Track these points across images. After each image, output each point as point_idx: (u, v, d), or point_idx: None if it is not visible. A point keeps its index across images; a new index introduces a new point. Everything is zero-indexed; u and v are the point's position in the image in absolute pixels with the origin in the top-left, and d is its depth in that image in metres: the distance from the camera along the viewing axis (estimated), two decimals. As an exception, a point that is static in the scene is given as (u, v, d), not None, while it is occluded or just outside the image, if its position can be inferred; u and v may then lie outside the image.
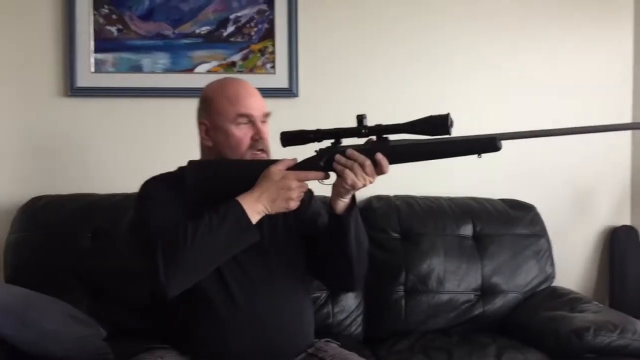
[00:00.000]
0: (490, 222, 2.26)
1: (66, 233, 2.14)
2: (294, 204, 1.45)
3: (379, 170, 1.41)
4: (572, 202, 2.51)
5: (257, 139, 1.53)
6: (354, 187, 1.42)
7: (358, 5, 2.44)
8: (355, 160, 1.40)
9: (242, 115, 1.52)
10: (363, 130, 1.43)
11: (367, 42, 2.45)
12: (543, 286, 2.23)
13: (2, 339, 1.67)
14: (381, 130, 1.43)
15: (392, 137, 1.44)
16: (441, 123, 1.36)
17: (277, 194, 1.42)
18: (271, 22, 2.40)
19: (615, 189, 2.53)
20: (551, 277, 2.26)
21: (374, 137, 1.45)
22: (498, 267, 2.20)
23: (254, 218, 1.42)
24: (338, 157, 1.42)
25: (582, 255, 2.53)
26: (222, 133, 1.54)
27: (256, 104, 1.55)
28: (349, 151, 1.42)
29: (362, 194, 2.31)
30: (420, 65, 2.47)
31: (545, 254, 2.26)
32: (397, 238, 2.23)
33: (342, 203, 1.47)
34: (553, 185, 2.49)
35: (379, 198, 2.33)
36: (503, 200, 2.36)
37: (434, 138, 1.39)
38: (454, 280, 2.17)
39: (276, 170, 1.43)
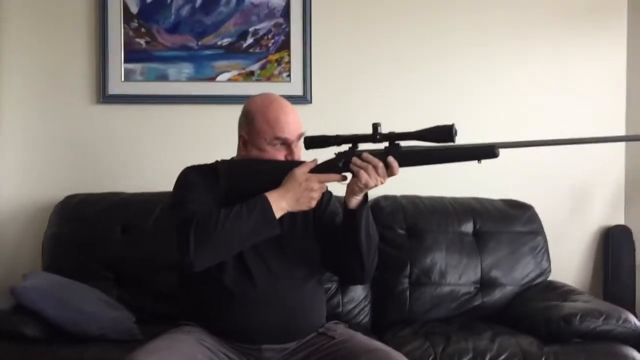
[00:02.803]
0: (490, 220, 2.41)
1: (98, 228, 2.30)
2: (314, 204, 1.62)
3: (390, 172, 1.58)
4: (569, 202, 2.65)
5: (289, 159, 1.69)
6: (367, 186, 1.59)
7: (368, 20, 2.61)
8: (369, 162, 1.57)
9: (278, 138, 1.68)
10: (377, 137, 1.60)
11: (378, 52, 2.61)
12: (539, 280, 2.36)
13: (46, 319, 1.87)
14: (393, 137, 1.60)
15: (403, 143, 1.61)
16: (447, 132, 1.53)
17: (300, 194, 1.59)
18: (287, 34, 2.58)
19: (609, 190, 2.66)
20: (547, 271, 2.39)
21: (386, 143, 1.61)
22: (497, 262, 2.34)
23: (278, 214, 1.58)
24: (355, 159, 1.59)
25: (578, 253, 2.66)
26: (257, 149, 1.70)
27: (293, 127, 1.68)
28: (365, 154, 1.59)
29: (370, 195, 2.46)
30: (430, 73, 2.62)
31: (541, 251, 2.40)
32: (402, 234, 2.38)
33: (355, 200, 1.64)
34: (551, 186, 2.63)
35: (386, 197, 2.49)
36: (503, 200, 2.50)
37: (440, 145, 1.56)
38: (455, 273, 2.31)
39: (301, 173, 1.60)
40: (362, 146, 1.63)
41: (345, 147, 1.65)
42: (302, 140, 1.70)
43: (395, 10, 2.62)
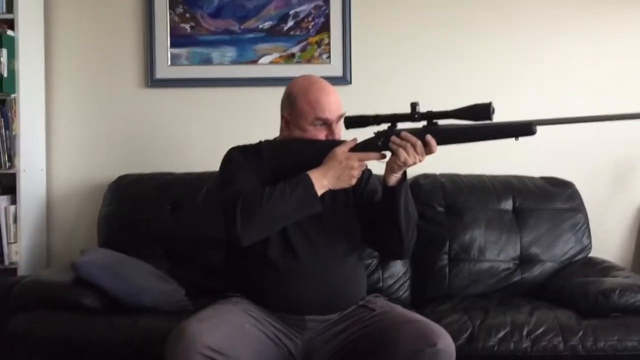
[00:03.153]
0: (530, 198, 2.43)
1: (148, 206, 2.42)
2: (354, 181, 1.67)
3: (428, 150, 1.61)
4: (610, 179, 2.64)
5: (330, 138, 1.75)
6: (406, 164, 1.62)
7: (405, 2, 2.64)
8: (408, 140, 1.61)
9: (319, 119, 1.74)
10: (415, 116, 1.63)
11: (415, 33, 2.64)
12: (579, 257, 2.37)
13: (103, 291, 1.99)
14: (431, 116, 1.63)
15: (441, 122, 1.63)
16: (484, 110, 1.54)
17: (341, 172, 1.65)
18: (327, 17, 2.62)
19: (653, 166, 2.64)
20: (588, 248, 2.40)
21: (424, 122, 1.64)
22: (536, 238, 2.37)
23: (320, 191, 1.64)
24: (394, 137, 1.62)
25: (620, 230, 2.65)
26: (299, 129, 1.76)
27: (334, 108, 1.74)
28: (403, 133, 1.62)
29: (410, 173, 2.50)
30: (469, 54, 2.64)
31: (582, 227, 2.41)
32: (442, 212, 2.41)
33: (395, 178, 1.67)
34: (592, 163, 2.63)
35: (425, 176, 2.52)
36: (543, 178, 2.51)
37: (477, 123, 1.58)
38: (494, 249, 2.35)
39: (341, 152, 1.66)
40: (400, 125, 1.66)
41: (384, 127, 1.68)
42: (342, 120, 1.75)
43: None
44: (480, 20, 2.64)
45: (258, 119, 2.54)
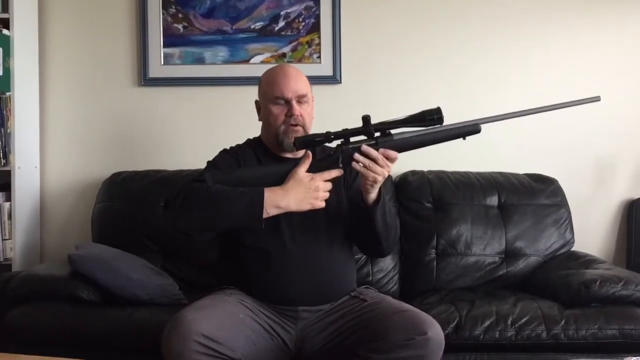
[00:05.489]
0: (515, 194, 2.49)
1: (142, 202, 2.44)
2: (320, 203, 1.65)
3: (390, 160, 1.65)
4: (593, 175, 2.70)
5: (290, 116, 1.80)
6: (376, 182, 1.65)
7: (394, 2, 2.69)
8: (368, 155, 1.63)
9: (277, 97, 1.81)
10: (368, 129, 1.64)
11: (405, 33, 2.70)
12: (562, 250, 2.44)
13: (98, 284, 2.02)
14: (384, 127, 1.65)
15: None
16: (435, 115, 1.60)
17: (304, 195, 1.63)
18: (317, 17, 2.68)
19: (633, 162, 2.70)
20: (570, 242, 2.47)
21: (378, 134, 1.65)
22: (521, 233, 2.43)
23: (271, 212, 1.61)
24: (356, 155, 1.63)
25: (602, 225, 2.72)
26: (266, 111, 1.84)
27: (290, 87, 1.79)
28: (364, 147, 1.63)
29: (398, 169, 2.58)
30: (455, 55, 2.69)
31: (565, 222, 2.47)
32: (429, 208, 2.47)
33: (371, 197, 1.70)
34: (575, 160, 2.69)
35: (414, 172, 2.58)
36: (527, 175, 2.58)
37: (429, 128, 1.64)
38: (480, 244, 2.41)
39: (303, 174, 1.64)
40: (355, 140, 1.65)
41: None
42: (309, 102, 1.82)
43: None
44: (472, 20, 2.69)
45: (249, 117, 2.55)
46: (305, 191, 1.63)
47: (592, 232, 2.69)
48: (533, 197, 2.50)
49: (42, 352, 1.61)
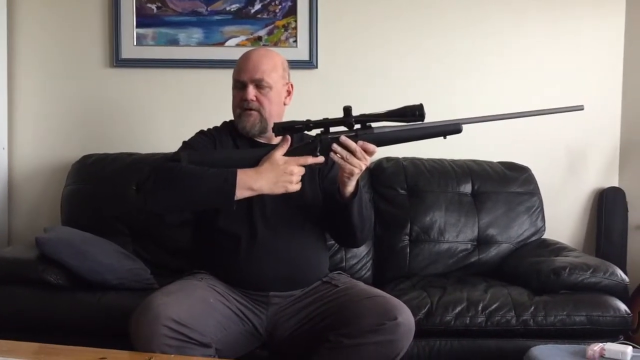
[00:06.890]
0: (488, 182, 2.51)
1: (113, 185, 2.40)
2: (294, 187, 1.63)
3: (368, 153, 1.62)
4: (564, 164, 2.74)
5: (244, 100, 1.78)
6: (352, 174, 1.63)
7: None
8: (347, 147, 1.60)
9: (236, 80, 1.81)
10: (349, 120, 1.61)
11: (382, 18, 2.68)
12: (534, 238, 2.47)
13: (67, 267, 1.99)
14: (365, 119, 1.63)
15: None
16: (416, 112, 1.58)
17: (277, 178, 1.61)
18: (294, 1, 2.64)
19: (604, 152, 2.75)
20: (542, 230, 2.50)
21: (358, 125, 1.64)
22: (493, 220, 2.45)
23: (243, 193, 1.59)
24: (335, 146, 1.61)
25: (572, 214, 2.76)
26: (233, 95, 1.84)
27: (247, 71, 1.77)
28: (343, 138, 1.60)
29: (374, 157, 2.56)
30: (432, 41, 2.68)
31: (536, 210, 2.50)
32: (403, 194, 2.48)
33: (348, 189, 1.68)
34: (547, 149, 2.71)
35: (388, 159, 2.59)
36: (501, 163, 2.60)
37: (410, 124, 1.63)
38: (453, 231, 2.43)
39: (279, 157, 1.62)
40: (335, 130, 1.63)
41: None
42: (273, 88, 1.78)
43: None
44: (451, 5, 2.68)
45: (224, 100, 2.53)
46: (280, 174, 1.61)
47: (562, 220, 2.73)
48: (506, 185, 2.52)
49: (9, 336, 1.57)
